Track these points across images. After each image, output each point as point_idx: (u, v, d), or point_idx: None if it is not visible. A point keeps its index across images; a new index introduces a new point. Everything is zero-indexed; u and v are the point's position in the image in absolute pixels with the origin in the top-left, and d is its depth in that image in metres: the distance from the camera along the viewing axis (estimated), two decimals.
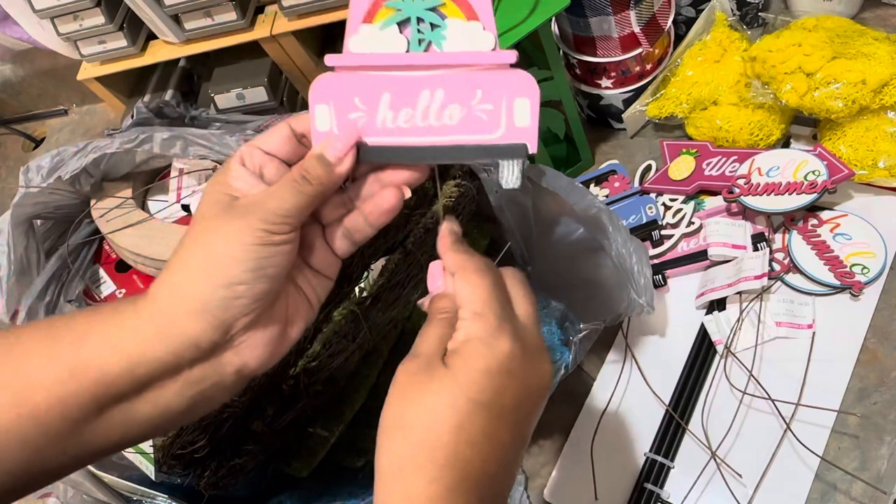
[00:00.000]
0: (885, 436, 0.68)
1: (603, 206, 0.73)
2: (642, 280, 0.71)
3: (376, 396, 0.69)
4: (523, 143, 0.44)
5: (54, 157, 0.87)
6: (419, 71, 0.44)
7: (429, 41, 0.44)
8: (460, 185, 0.70)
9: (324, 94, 0.45)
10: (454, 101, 0.44)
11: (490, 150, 0.44)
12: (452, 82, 0.44)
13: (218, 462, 0.62)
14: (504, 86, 0.43)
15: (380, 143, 0.45)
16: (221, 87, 1.06)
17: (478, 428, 0.40)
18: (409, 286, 0.63)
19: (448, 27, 0.43)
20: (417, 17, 0.43)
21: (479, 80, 0.43)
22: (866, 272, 0.75)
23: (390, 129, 0.45)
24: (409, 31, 0.44)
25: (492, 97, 0.43)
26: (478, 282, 0.43)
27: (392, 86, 0.44)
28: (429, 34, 0.44)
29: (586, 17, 0.84)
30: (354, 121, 0.45)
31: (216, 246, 0.41)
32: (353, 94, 0.45)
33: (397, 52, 0.44)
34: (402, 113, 0.44)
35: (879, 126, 0.77)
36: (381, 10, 0.44)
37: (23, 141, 1.49)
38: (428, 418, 0.39)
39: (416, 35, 0.44)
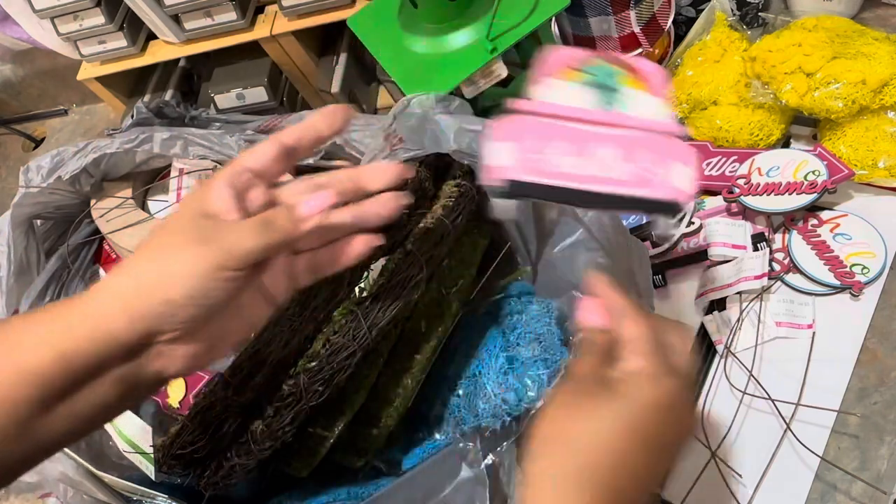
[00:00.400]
0: (885, 436, 0.68)
1: None
2: (642, 280, 0.71)
3: (376, 396, 0.69)
4: (676, 201, 0.48)
5: (54, 157, 0.87)
6: (596, 126, 0.49)
7: (611, 104, 0.49)
8: (460, 185, 0.70)
9: (506, 133, 0.48)
10: (623, 157, 0.48)
11: (646, 203, 0.48)
12: (625, 141, 0.48)
13: (218, 462, 0.62)
14: (671, 152, 0.48)
15: (543, 182, 0.48)
16: (221, 87, 1.06)
17: (638, 460, 0.41)
18: (410, 286, 0.62)
19: (629, 95, 0.50)
20: (604, 82, 0.50)
21: (651, 143, 0.48)
22: (866, 272, 0.75)
23: (555, 173, 0.48)
24: (593, 92, 0.50)
25: (658, 159, 0.48)
26: (646, 326, 0.46)
27: (567, 134, 0.48)
28: (612, 98, 0.50)
29: (586, 17, 0.84)
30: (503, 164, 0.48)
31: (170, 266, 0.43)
32: (532, 136, 0.48)
33: (582, 107, 0.49)
34: (569, 159, 0.48)
35: (879, 126, 0.77)
36: (573, 72, 0.51)
37: (23, 141, 1.50)
38: (594, 439, 0.41)
39: (600, 97, 0.50)
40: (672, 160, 0.48)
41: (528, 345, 0.70)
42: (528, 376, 0.68)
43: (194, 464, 0.63)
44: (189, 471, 0.64)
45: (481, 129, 0.66)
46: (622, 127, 0.49)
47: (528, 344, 0.70)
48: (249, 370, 0.58)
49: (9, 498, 0.92)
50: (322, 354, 0.60)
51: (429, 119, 0.68)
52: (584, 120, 0.49)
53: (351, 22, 0.84)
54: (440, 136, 0.68)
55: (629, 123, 0.49)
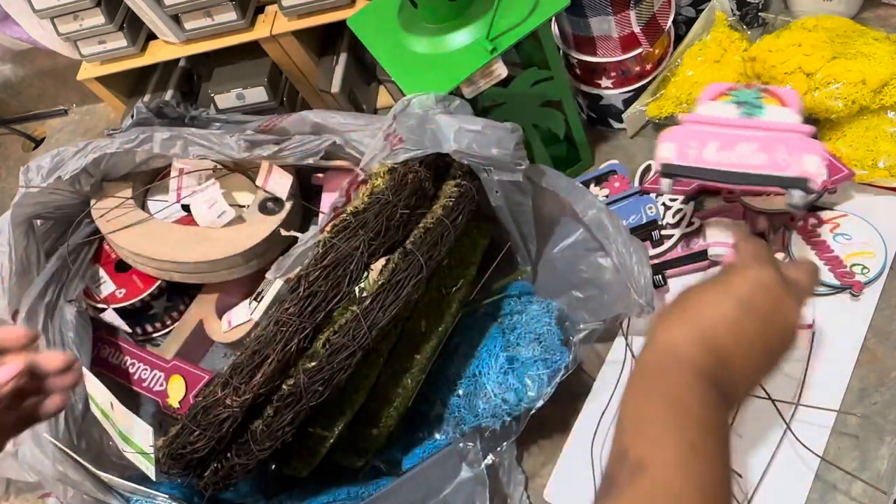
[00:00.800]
0: (885, 436, 0.68)
1: (603, 206, 0.73)
2: (642, 280, 0.71)
3: (376, 396, 0.69)
4: (805, 178, 0.65)
5: (54, 157, 0.87)
6: (739, 129, 0.69)
7: (751, 114, 0.70)
8: (460, 184, 0.70)
9: (671, 137, 0.72)
10: (758, 149, 0.67)
11: (782, 180, 0.66)
12: (761, 139, 0.68)
13: (218, 462, 0.62)
14: (801, 146, 0.66)
15: (702, 165, 0.69)
16: (221, 87, 1.07)
17: (748, 328, 0.49)
18: (410, 286, 0.63)
19: (767, 108, 0.70)
20: (747, 100, 0.71)
21: (784, 140, 0.67)
22: (866, 272, 0.75)
23: (709, 160, 0.69)
24: (738, 108, 0.71)
25: (791, 151, 0.66)
26: (756, 244, 0.55)
27: (720, 136, 0.70)
28: (754, 111, 0.70)
29: (586, 17, 0.84)
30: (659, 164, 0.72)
31: None
32: (691, 138, 0.71)
33: (731, 116, 0.71)
34: (714, 152, 0.69)
35: (879, 126, 0.77)
36: (723, 96, 0.73)
37: (23, 141, 1.50)
38: (714, 311, 0.49)
39: (744, 110, 0.70)
40: (802, 151, 0.66)
41: (529, 345, 0.70)
42: (528, 376, 0.68)
43: (194, 464, 0.63)
44: (189, 471, 0.64)
45: (481, 129, 0.66)
46: (761, 129, 0.68)
47: (528, 344, 0.70)
48: (249, 370, 0.58)
49: (9, 498, 0.92)
50: (322, 354, 0.60)
51: (429, 119, 0.69)
52: (730, 125, 0.70)
53: (351, 22, 0.84)
54: (440, 136, 0.68)
55: (766, 127, 0.68)
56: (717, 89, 0.73)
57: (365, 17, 0.84)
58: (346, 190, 0.71)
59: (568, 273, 0.79)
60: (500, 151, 0.66)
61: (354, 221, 0.64)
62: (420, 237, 0.65)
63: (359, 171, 0.70)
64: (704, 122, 0.71)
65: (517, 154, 0.67)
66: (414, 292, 0.63)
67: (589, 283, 0.77)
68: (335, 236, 0.63)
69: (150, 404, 0.91)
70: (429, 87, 0.72)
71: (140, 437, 0.70)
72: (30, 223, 0.92)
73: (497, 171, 0.69)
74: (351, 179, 0.72)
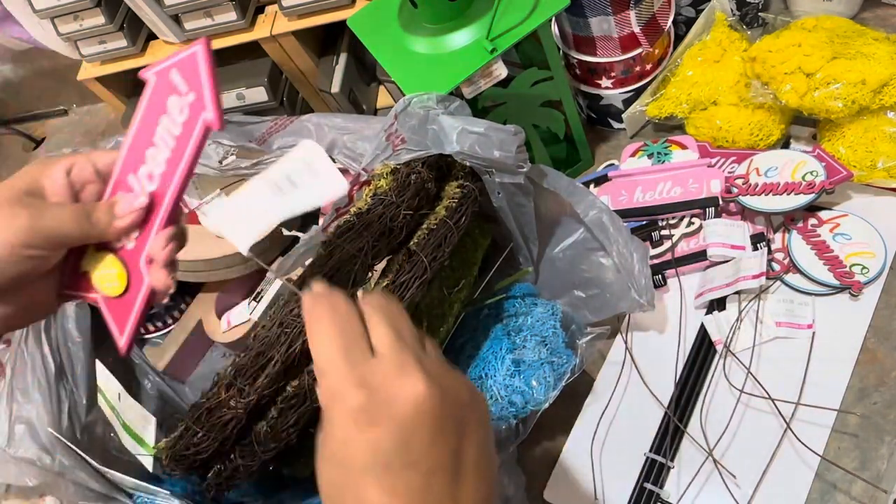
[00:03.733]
0: (885, 435, 0.68)
1: (604, 206, 0.73)
2: (643, 280, 0.71)
3: None
4: (715, 197, 0.83)
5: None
6: (657, 174, 0.88)
7: (662, 161, 0.89)
8: (463, 185, 0.70)
9: (605, 191, 0.90)
10: (677, 184, 0.86)
11: (695, 203, 0.84)
12: (676, 176, 0.87)
13: (222, 464, 0.63)
14: (704, 175, 0.85)
15: (632, 206, 0.87)
16: (221, 87, 1.06)
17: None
18: (414, 287, 0.63)
19: (673, 153, 0.89)
20: (657, 151, 0.90)
21: (692, 173, 0.86)
22: (866, 272, 0.75)
23: (638, 202, 0.87)
24: (653, 158, 0.90)
25: (698, 179, 0.85)
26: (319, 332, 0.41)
27: (642, 182, 0.88)
28: (663, 157, 0.89)
29: (586, 17, 0.84)
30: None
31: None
32: (621, 189, 0.89)
33: (647, 166, 0.89)
34: (647, 194, 0.87)
35: (879, 127, 0.77)
36: (639, 152, 0.91)
37: (23, 141, 1.49)
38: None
39: (657, 158, 0.90)
40: (707, 178, 0.85)
41: (535, 347, 0.70)
42: (534, 379, 0.68)
43: (197, 465, 0.63)
44: (192, 472, 0.64)
45: (483, 131, 0.66)
46: (671, 170, 0.87)
47: (534, 346, 0.70)
48: (254, 372, 0.58)
49: (9, 498, 0.92)
50: None
51: (430, 119, 0.69)
52: (648, 172, 0.89)
53: (351, 22, 0.84)
54: (442, 137, 0.68)
55: (675, 167, 0.88)
56: (632, 148, 0.92)
57: (365, 17, 0.84)
58: (349, 190, 0.72)
59: (569, 273, 0.79)
60: (503, 154, 0.66)
61: (358, 222, 0.64)
62: (424, 238, 0.65)
63: (361, 172, 0.70)
64: (628, 174, 0.90)
65: (520, 156, 0.68)
66: (418, 293, 0.63)
67: (590, 283, 0.77)
68: (339, 237, 0.63)
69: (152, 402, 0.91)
70: (429, 87, 0.72)
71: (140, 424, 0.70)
72: None
73: (499, 174, 0.69)
74: (353, 180, 0.72)
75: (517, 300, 0.76)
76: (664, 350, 0.79)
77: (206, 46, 0.45)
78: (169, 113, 0.47)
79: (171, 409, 0.89)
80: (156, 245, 0.48)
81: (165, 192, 0.48)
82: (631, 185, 0.89)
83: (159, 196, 0.48)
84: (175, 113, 0.46)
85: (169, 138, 0.47)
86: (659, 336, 0.81)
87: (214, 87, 0.44)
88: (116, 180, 0.50)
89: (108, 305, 0.51)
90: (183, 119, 0.46)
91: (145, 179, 0.48)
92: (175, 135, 0.47)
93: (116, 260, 0.50)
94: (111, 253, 0.50)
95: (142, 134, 0.48)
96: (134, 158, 0.49)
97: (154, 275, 0.48)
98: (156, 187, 0.48)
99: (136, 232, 0.49)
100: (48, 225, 0.46)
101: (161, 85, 0.47)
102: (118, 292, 0.50)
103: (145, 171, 0.48)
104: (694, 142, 0.89)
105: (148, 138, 0.48)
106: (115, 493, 0.72)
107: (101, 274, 0.51)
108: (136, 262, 0.49)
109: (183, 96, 0.46)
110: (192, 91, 0.45)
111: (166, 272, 0.48)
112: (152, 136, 0.48)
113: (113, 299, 0.51)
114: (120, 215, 0.48)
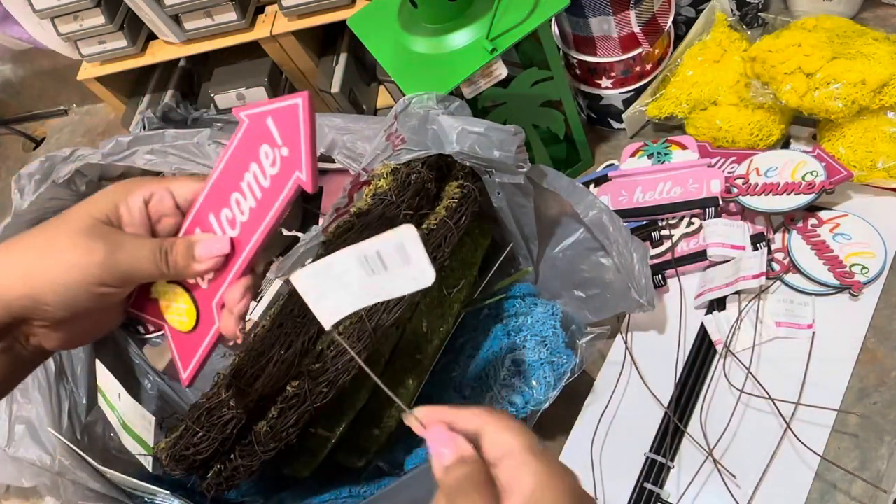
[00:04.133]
0: (885, 435, 0.68)
1: (604, 206, 0.73)
2: (643, 280, 0.71)
3: (377, 397, 0.69)
4: (715, 197, 0.83)
5: (44, 163, 0.86)
6: (657, 174, 0.87)
7: (662, 161, 0.89)
8: (463, 185, 0.70)
9: (605, 191, 0.89)
10: (677, 184, 0.85)
11: (695, 203, 0.84)
12: (676, 176, 0.86)
13: (222, 464, 0.63)
14: (704, 174, 0.84)
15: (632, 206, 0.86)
16: (221, 87, 1.07)
17: None
18: None
19: (673, 153, 0.89)
20: (657, 151, 0.90)
21: (692, 173, 0.85)
22: (866, 272, 0.75)
23: (638, 202, 0.87)
24: (653, 158, 0.89)
25: (698, 179, 0.85)
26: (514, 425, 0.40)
27: (642, 182, 0.88)
28: (663, 157, 0.89)
29: (586, 17, 0.84)
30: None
31: (53, 268, 0.44)
32: (621, 189, 0.88)
33: (647, 166, 0.88)
34: (647, 194, 0.86)
35: (879, 127, 0.77)
36: (639, 152, 0.90)
37: (23, 141, 1.49)
38: None
39: (657, 158, 0.89)
40: (707, 178, 0.84)
41: (535, 348, 0.70)
42: (535, 379, 0.68)
43: (197, 465, 0.63)
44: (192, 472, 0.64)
45: (483, 131, 0.66)
46: (672, 170, 0.87)
47: (534, 347, 0.70)
48: (254, 372, 0.58)
49: (9, 499, 0.92)
50: (327, 356, 0.60)
51: (430, 119, 0.69)
52: (648, 172, 0.88)
53: (351, 22, 0.84)
54: (442, 137, 0.68)
55: (675, 167, 0.87)
56: (632, 148, 0.91)
57: (365, 17, 0.84)
58: (349, 190, 0.72)
59: (569, 273, 0.79)
60: (503, 154, 0.66)
61: (358, 222, 0.64)
62: (424, 238, 0.65)
63: (361, 172, 0.70)
64: (628, 174, 0.89)
65: (520, 157, 0.68)
66: (418, 294, 0.63)
67: (590, 283, 0.77)
68: (339, 237, 0.63)
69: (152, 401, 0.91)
70: (429, 87, 0.72)
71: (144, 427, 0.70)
72: None
73: (499, 174, 0.69)
74: (353, 180, 0.72)
75: (517, 300, 0.76)
76: (664, 350, 0.79)
77: (309, 101, 0.42)
78: (259, 161, 0.45)
79: (171, 409, 0.89)
80: (233, 295, 0.47)
81: (247, 241, 0.47)
82: (631, 185, 0.88)
83: (239, 244, 0.47)
84: (266, 163, 0.45)
85: (256, 188, 0.45)
86: (659, 336, 0.81)
87: (312, 146, 0.42)
88: (196, 215, 0.48)
89: (174, 336, 0.51)
90: (273, 172, 0.44)
91: (227, 224, 0.47)
92: (263, 187, 0.45)
93: (188, 297, 0.49)
94: (183, 288, 0.50)
95: (228, 175, 0.47)
96: (217, 198, 0.47)
97: (225, 322, 0.48)
98: (237, 234, 0.47)
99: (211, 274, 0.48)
100: (124, 262, 0.45)
101: (254, 129, 0.45)
102: (186, 328, 0.50)
103: (227, 216, 0.47)
104: (694, 142, 0.89)
105: (234, 182, 0.46)
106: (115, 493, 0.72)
107: (172, 306, 0.50)
108: (209, 303, 0.49)
109: (276, 148, 0.44)
110: (288, 146, 0.43)
111: (237, 322, 0.47)
112: (239, 181, 0.46)
113: (180, 333, 0.50)
114: (199, 259, 0.47)
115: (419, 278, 0.45)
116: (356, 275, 0.45)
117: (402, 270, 0.45)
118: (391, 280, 0.45)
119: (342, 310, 0.46)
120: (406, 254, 0.44)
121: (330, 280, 0.45)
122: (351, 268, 0.45)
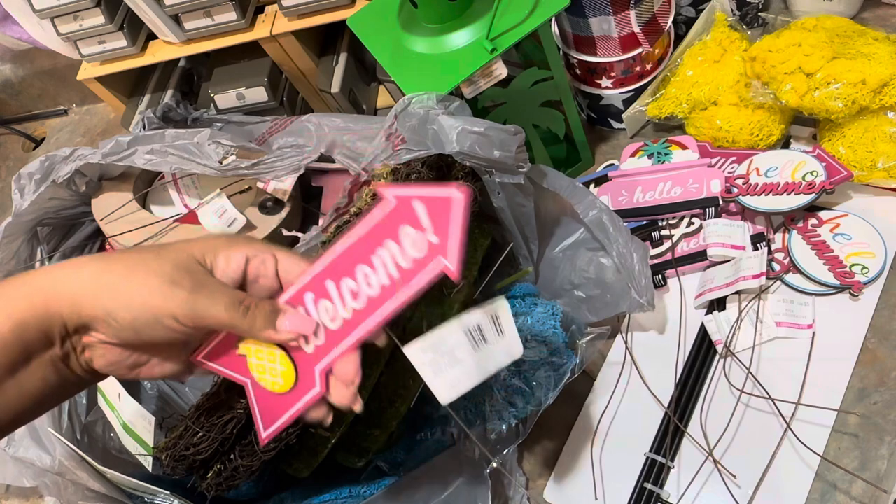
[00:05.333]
0: (885, 435, 0.68)
1: (604, 206, 0.73)
2: (643, 280, 0.71)
3: (378, 397, 0.69)
4: (715, 197, 0.83)
5: (44, 163, 0.87)
6: (657, 174, 0.88)
7: (663, 161, 0.89)
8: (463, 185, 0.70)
9: (605, 191, 0.90)
10: (677, 184, 0.86)
11: (696, 203, 0.84)
12: (677, 176, 0.86)
13: (222, 464, 0.63)
14: (705, 174, 0.85)
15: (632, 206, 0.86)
16: (221, 87, 1.07)
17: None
18: None
19: (673, 153, 0.89)
20: (657, 151, 0.90)
21: (692, 173, 0.86)
22: (866, 272, 0.75)
23: (638, 202, 0.87)
24: (653, 158, 0.90)
25: (698, 179, 0.85)
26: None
27: (642, 182, 0.88)
28: (663, 157, 0.89)
29: (586, 17, 0.84)
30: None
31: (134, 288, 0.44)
32: (621, 189, 0.89)
33: (647, 166, 0.89)
34: (647, 194, 0.86)
35: (879, 127, 0.77)
36: (639, 152, 0.91)
37: (23, 141, 1.49)
38: None
39: (656, 159, 0.89)
40: (707, 178, 0.84)
41: (535, 348, 0.70)
42: (535, 379, 0.68)
43: (197, 465, 0.63)
44: (192, 472, 0.64)
45: (483, 131, 0.66)
46: (672, 170, 0.87)
47: (534, 347, 0.70)
48: None
49: (9, 499, 0.92)
50: None
51: (430, 119, 0.69)
52: (648, 172, 0.88)
53: (351, 22, 0.84)
54: (442, 137, 0.68)
55: (675, 167, 0.87)
56: (632, 148, 0.91)
57: (365, 17, 0.84)
58: (349, 190, 0.72)
59: (569, 273, 0.79)
60: (503, 154, 0.66)
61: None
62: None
63: (361, 172, 0.70)
64: (628, 174, 0.90)
65: (520, 157, 0.68)
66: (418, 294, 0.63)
67: (590, 283, 0.77)
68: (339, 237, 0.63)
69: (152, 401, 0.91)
70: (429, 87, 0.72)
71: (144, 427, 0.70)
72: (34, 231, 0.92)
73: (499, 174, 0.69)
74: (353, 180, 0.72)
75: (517, 300, 0.76)
76: (664, 350, 0.79)
77: (468, 198, 0.42)
78: (400, 241, 0.45)
79: (171, 409, 0.89)
80: (346, 368, 0.47)
81: (368, 315, 0.46)
82: (631, 185, 0.88)
83: (359, 317, 0.46)
84: (407, 244, 0.44)
85: (392, 266, 0.45)
86: (659, 336, 0.81)
87: (463, 239, 0.42)
88: (312, 280, 0.48)
89: (258, 395, 0.50)
90: (416, 255, 0.44)
91: (348, 294, 0.47)
92: (401, 266, 0.44)
93: (287, 359, 0.49)
94: (282, 350, 0.49)
95: (359, 249, 0.46)
96: (340, 268, 0.47)
97: (338, 393, 0.48)
98: (360, 307, 0.46)
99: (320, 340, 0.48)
100: (201, 302, 0.45)
101: (400, 211, 0.44)
102: (280, 390, 0.49)
103: (350, 287, 0.46)
104: (694, 142, 0.89)
105: (364, 255, 0.46)
106: (115, 494, 0.72)
107: (265, 366, 0.49)
108: (310, 367, 0.48)
109: (422, 232, 0.43)
110: (437, 234, 0.43)
111: (353, 395, 0.48)
112: (370, 256, 0.46)
113: (269, 392, 0.50)
114: (280, 330, 0.47)
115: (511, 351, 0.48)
116: (467, 350, 0.46)
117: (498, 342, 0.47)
118: (491, 354, 0.47)
119: (460, 388, 0.47)
120: (501, 325, 0.46)
121: (444, 356, 0.47)
122: (462, 342, 0.47)
